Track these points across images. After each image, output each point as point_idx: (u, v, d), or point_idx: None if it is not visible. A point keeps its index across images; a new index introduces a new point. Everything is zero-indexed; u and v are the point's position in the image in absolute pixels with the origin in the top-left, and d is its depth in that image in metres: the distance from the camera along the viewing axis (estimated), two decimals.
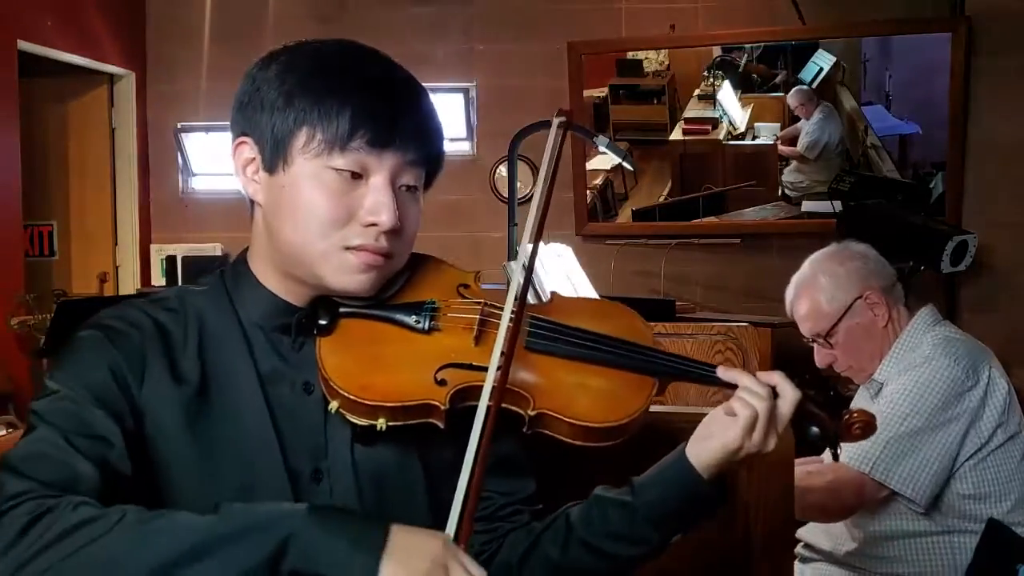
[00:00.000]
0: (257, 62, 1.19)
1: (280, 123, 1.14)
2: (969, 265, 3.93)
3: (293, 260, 1.17)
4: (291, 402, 1.18)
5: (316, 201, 1.13)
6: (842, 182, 4.62)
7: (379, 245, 1.15)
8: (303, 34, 4.66)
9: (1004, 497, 2.15)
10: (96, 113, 5.27)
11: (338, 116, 1.12)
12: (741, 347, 2.80)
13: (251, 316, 1.20)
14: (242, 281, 1.22)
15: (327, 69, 1.15)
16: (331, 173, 1.13)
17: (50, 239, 5.32)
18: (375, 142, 1.13)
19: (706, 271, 4.90)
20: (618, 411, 1.17)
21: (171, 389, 1.13)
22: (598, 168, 4.91)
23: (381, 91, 1.15)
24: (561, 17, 4.91)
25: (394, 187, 1.15)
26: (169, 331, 1.17)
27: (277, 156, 1.15)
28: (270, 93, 1.15)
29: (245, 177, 1.19)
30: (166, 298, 1.21)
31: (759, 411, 1.15)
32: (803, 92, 4.62)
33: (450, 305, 1.22)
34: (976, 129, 4.33)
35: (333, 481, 1.16)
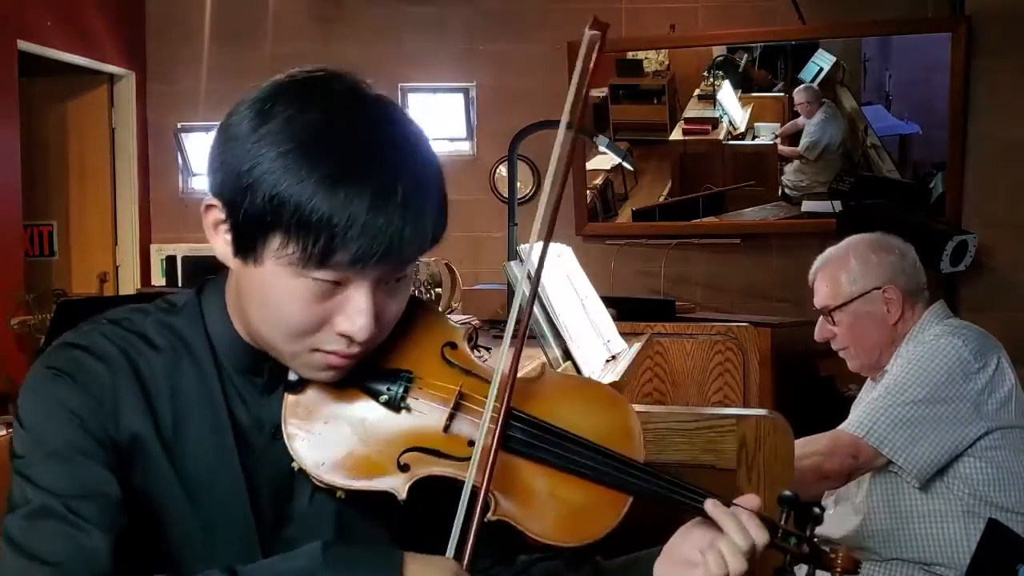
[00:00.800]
0: (246, 112, 1.02)
1: (252, 215, 0.98)
2: (969, 265, 3.93)
3: (259, 338, 1.08)
4: (260, 445, 1.11)
5: (287, 308, 1.01)
6: (842, 182, 4.62)
7: (350, 351, 1.04)
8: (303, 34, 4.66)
9: (1016, 486, 2.15)
10: (96, 113, 5.27)
11: (321, 232, 0.95)
12: (741, 347, 2.80)
13: (223, 351, 1.11)
14: (216, 311, 1.12)
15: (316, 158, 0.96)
16: (307, 282, 0.99)
17: (50, 239, 5.32)
18: (359, 262, 0.97)
19: (706, 271, 4.90)
20: (582, 531, 1.09)
21: (147, 424, 1.06)
22: (598, 168, 4.91)
23: (376, 191, 0.97)
24: (561, 17, 4.91)
25: (378, 291, 1.03)
26: (138, 362, 1.08)
27: (247, 251, 1.01)
28: (247, 174, 0.98)
29: (216, 236, 1.05)
30: (133, 319, 1.12)
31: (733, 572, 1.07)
32: (810, 91, 4.62)
33: (427, 378, 1.12)
34: (976, 129, 4.34)
35: (296, 527, 1.11)
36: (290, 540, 1.10)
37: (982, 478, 2.14)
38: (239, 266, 1.04)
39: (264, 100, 1.02)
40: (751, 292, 4.81)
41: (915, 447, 2.11)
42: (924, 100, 4.58)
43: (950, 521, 2.15)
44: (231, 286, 1.10)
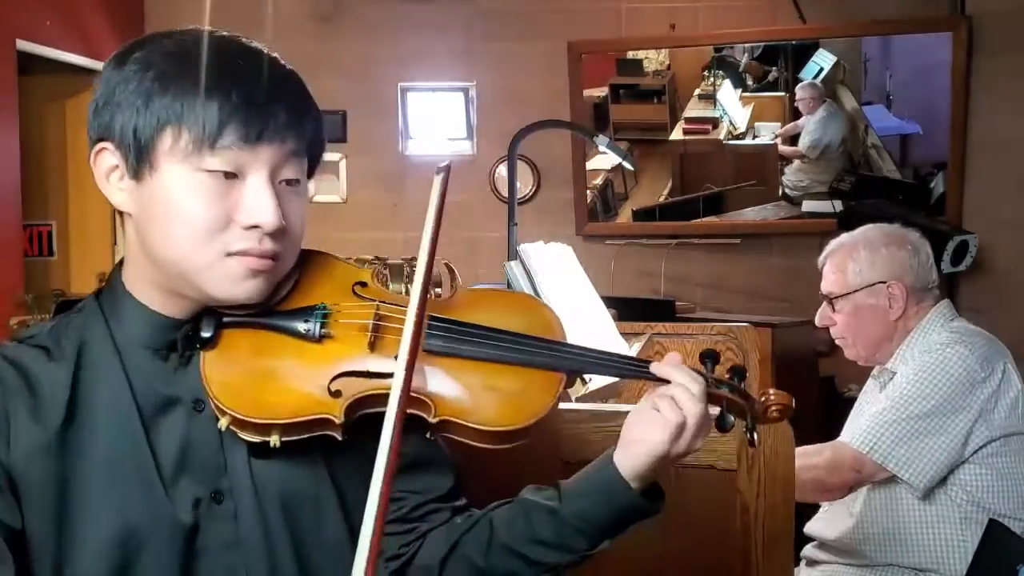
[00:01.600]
0: (109, 60, 1.09)
1: (141, 124, 1.04)
2: (969, 265, 3.93)
3: (171, 273, 1.08)
4: (182, 423, 1.10)
5: (189, 208, 1.04)
6: (843, 182, 4.62)
7: (263, 248, 1.06)
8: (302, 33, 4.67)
9: (1015, 492, 2.14)
10: None
11: (204, 111, 1.02)
12: (741, 347, 2.80)
13: (131, 337, 1.11)
14: (119, 301, 1.13)
15: (188, 62, 1.06)
16: (203, 175, 1.03)
17: (49, 239, 5.31)
18: (247, 136, 1.03)
19: (706, 271, 4.90)
20: (524, 412, 1.11)
21: (33, 434, 1.05)
22: (598, 168, 4.91)
23: (249, 81, 1.05)
24: (561, 17, 4.91)
25: (274, 183, 1.06)
26: (32, 372, 1.08)
27: (142, 161, 1.05)
28: (127, 93, 1.05)
29: (109, 186, 1.09)
30: (35, 335, 1.13)
31: (689, 415, 1.10)
32: (813, 87, 4.62)
33: (342, 308, 1.13)
34: (976, 129, 4.33)
35: (236, 501, 1.10)
36: (231, 513, 1.10)
37: (981, 484, 2.14)
38: (137, 194, 1.07)
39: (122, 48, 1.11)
40: (751, 292, 4.80)
41: (920, 460, 2.09)
42: (924, 100, 4.58)
43: (947, 527, 2.15)
44: (130, 256, 1.13)
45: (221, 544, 1.10)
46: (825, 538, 2.31)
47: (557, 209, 4.97)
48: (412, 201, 5.03)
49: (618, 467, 1.12)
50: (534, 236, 2.73)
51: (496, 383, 1.13)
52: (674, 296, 4.54)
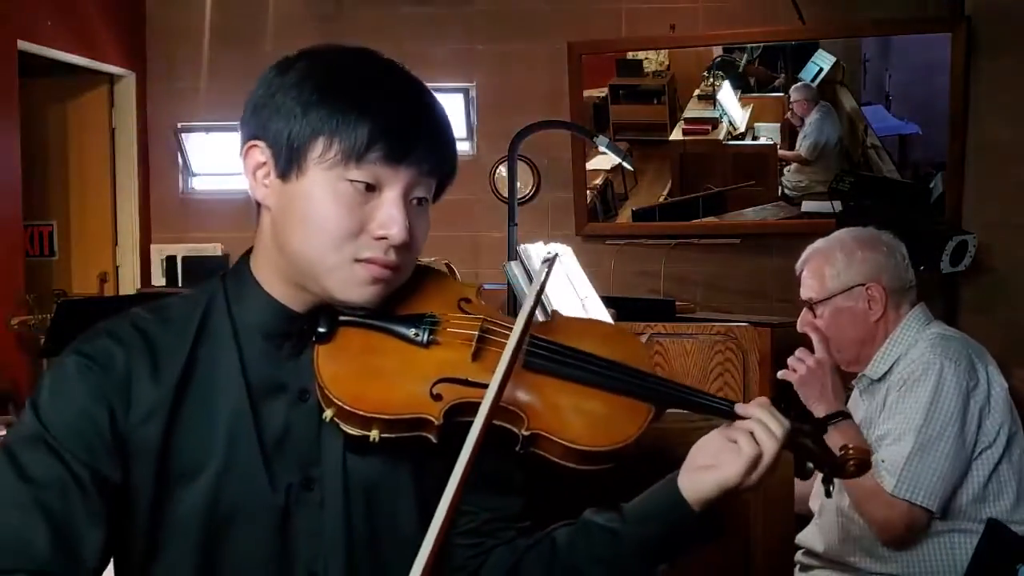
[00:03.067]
0: (274, 66, 1.17)
1: (297, 131, 1.12)
2: (969, 265, 3.93)
3: (300, 268, 1.16)
4: (285, 409, 1.17)
5: (329, 213, 1.12)
6: (842, 182, 4.63)
7: (388, 258, 1.14)
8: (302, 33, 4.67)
9: (1005, 496, 2.14)
10: (96, 113, 5.27)
11: (356, 128, 1.10)
12: (741, 347, 2.80)
13: (250, 321, 1.19)
14: (244, 285, 1.21)
15: (346, 79, 1.14)
16: (345, 184, 1.12)
17: (50, 239, 5.32)
18: (392, 156, 1.11)
19: (706, 271, 4.90)
20: (612, 436, 1.16)
21: (151, 393, 1.13)
22: (598, 168, 4.91)
23: (400, 104, 1.14)
24: (561, 17, 4.92)
25: (406, 200, 1.14)
26: (156, 341, 1.16)
27: (291, 164, 1.13)
28: (287, 100, 1.13)
29: (255, 180, 1.17)
30: (165, 307, 1.21)
31: (766, 452, 1.13)
32: (806, 89, 4.62)
33: (450, 319, 1.20)
34: (976, 129, 4.34)
35: (324, 489, 1.17)
36: (318, 501, 1.16)
37: (979, 494, 2.14)
38: (280, 192, 1.14)
39: (287, 57, 1.18)
40: (751, 292, 4.81)
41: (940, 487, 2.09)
42: (924, 100, 4.58)
43: (940, 536, 2.15)
44: (261, 246, 1.20)
45: (306, 531, 1.16)
46: (815, 549, 2.31)
47: (557, 209, 4.98)
48: None
49: (683, 492, 1.15)
50: (534, 236, 2.73)
51: (588, 406, 1.18)
52: (674, 296, 4.54)
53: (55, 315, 3.84)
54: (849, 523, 2.23)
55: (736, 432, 1.14)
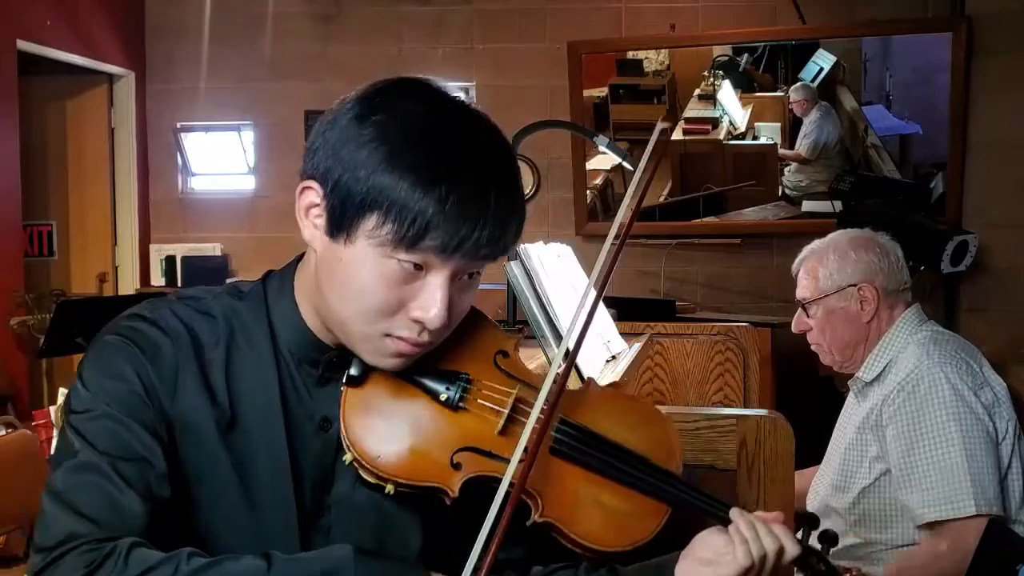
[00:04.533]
0: (354, 105, 1.09)
1: (354, 195, 1.05)
2: (969, 265, 3.93)
3: (332, 321, 1.12)
4: (306, 434, 1.15)
5: (370, 286, 1.07)
6: (842, 182, 4.62)
7: (420, 339, 1.09)
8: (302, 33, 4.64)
9: (1012, 493, 2.14)
10: (96, 113, 5.27)
11: (416, 215, 1.03)
12: (741, 347, 2.80)
13: (283, 337, 1.16)
14: (284, 299, 1.17)
15: (418, 153, 1.04)
16: (393, 263, 1.05)
17: (49, 239, 5.32)
18: (446, 247, 1.04)
19: (706, 271, 4.90)
20: (624, 537, 1.14)
21: (204, 401, 1.11)
22: (598, 168, 4.91)
23: (470, 190, 1.04)
24: (561, 17, 4.91)
25: (453, 282, 1.08)
26: (202, 340, 1.14)
27: (341, 228, 1.07)
28: (354, 158, 1.05)
29: (306, 220, 1.11)
30: (203, 299, 1.18)
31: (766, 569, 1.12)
32: (806, 89, 4.62)
33: (483, 384, 1.16)
34: (976, 129, 4.34)
35: (333, 518, 1.15)
36: (326, 528, 1.15)
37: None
38: (326, 246, 1.09)
39: (371, 95, 1.10)
40: (751, 292, 4.81)
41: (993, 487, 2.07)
42: (924, 100, 4.58)
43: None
44: (305, 273, 1.16)
45: None
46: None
47: (557, 209, 4.97)
48: None
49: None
50: (534, 236, 2.73)
51: (607, 501, 1.15)
52: (674, 296, 4.55)
53: (54, 315, 3.83)
54: (849, 528, 2.23)
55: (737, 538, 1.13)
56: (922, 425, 2.10)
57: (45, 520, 1.03)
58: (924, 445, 2.09)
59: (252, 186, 5.31)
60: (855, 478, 2.22)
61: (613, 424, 1.19)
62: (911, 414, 2.12)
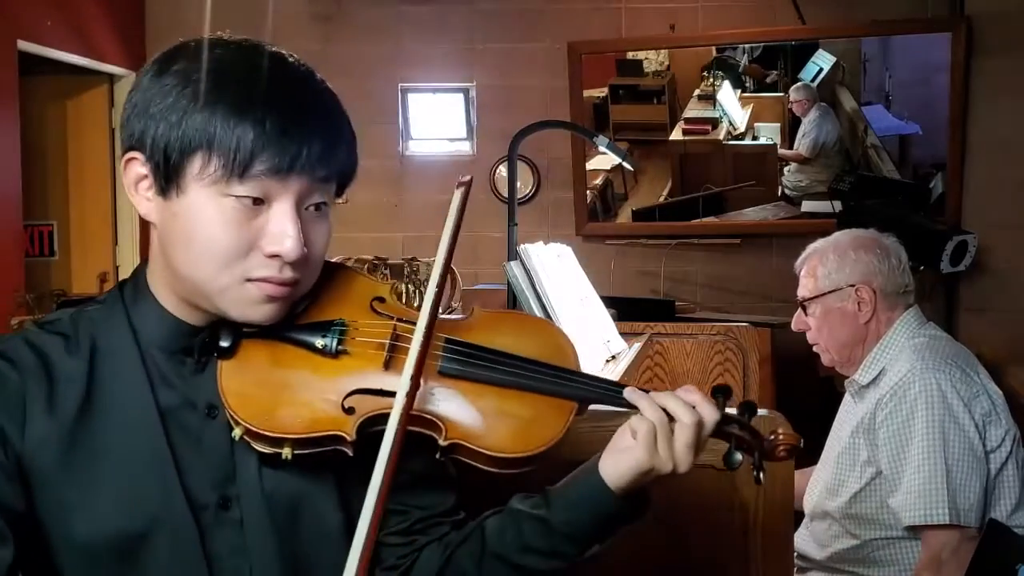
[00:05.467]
0: (151, 64, 1.07)
1: (173, 144, 1.02)
2: (969, 265, 3.93)
3: (190, 289, 1.08)
4: (195, 427, 1.11)
5: (213, 233, 1.03)
6: (842, 182, 4.63)
7: (283, 276, 1.06)
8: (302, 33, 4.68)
9: (1005, 500, 2.14)
10: (96, 113, 5.27)
11: (238, 141, 1.00)
12: (741, 347, 2.81)
13: (149, 336, 1.12)
14: (140, 299, 1.13)
15: (225, 81, 1.03)
16: (229, 200, 1.02)
17: (50, 239, 5.32)
18: (278, 167, 1.02)
19: (706, 271, 4.90)
20: (534, 440, 1.11)
21: (46, 424, 1.06)
22: (598, 168, 4.91)
23: (285, 107, 1.03)
24: (561, 17, 4.92)
25: (300, 211, 1.05)
26: (52, 360, 1.09)
27: (170, 181, 1.04)
28: (163, 108, 1.03)
29: (137, 195, 1.09)
30: (57, 320, 1.13)
31: (655, 428, 1.10)
32: (806, 89, 4.63)
33: (359, 325, 1.13)
34: (976, 129, 4.34)
35: (243, 508, 1.11)
36: (238, 520, 1.11)
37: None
38: (162, 208, 1.06)
39: (166, 53, 1.08)
40: (751, 292, 4.81)
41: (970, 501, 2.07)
42: (924, 100, 4.58)
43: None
44: (154, 261, 1.13)
45: (228, 550, 1.11)
46: (810, 555, 2.31)
47: (557, 209, 4.98)
48: (412, 201, 5.04)
49: (603, 477, 1.13)
50: (534, 236, 2.73)
51: (509, 409, 1.13)
52: (674, 296, 4.55)
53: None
54: (844, 532, 2.23)
55: (633, 418, 1.13)
56: (910, 430, 2.11)
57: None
58: (910, 450, 2.10)
59: None
60: (847, 482, 2.23)
61: (501, 337, 1.17)
62: (901, 419, 2.12)
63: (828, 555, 2.27)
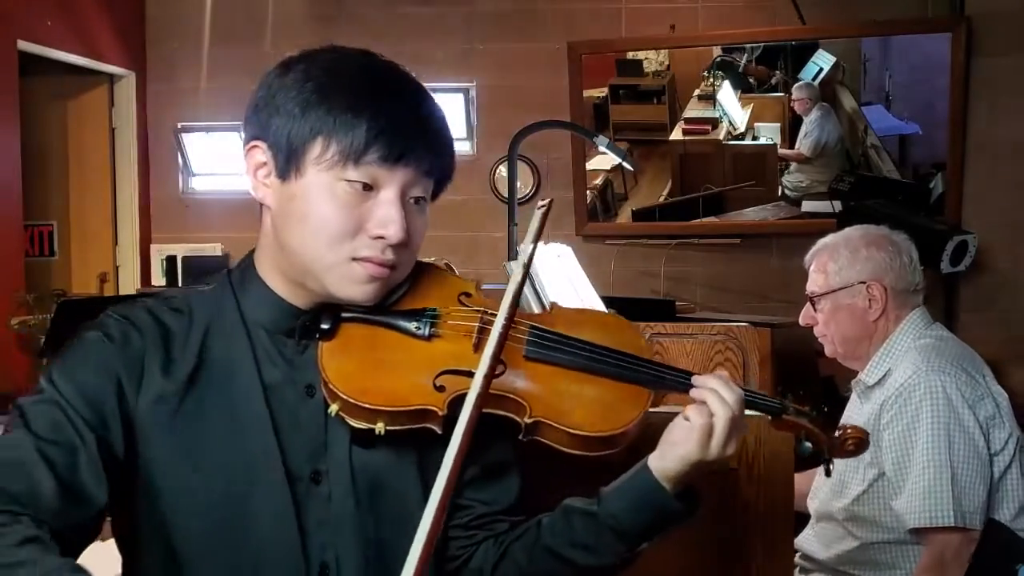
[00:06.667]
0: (275, 67, 1.20)
1: (295, 132, 1.14)
2: (969, 265, 3.93)
3: (299, 267, 1.18)
4: (293, 404, 1.19)
5: (326, 213, 1.14)
6: (842, 182, 4.63)
7: (385, 257, 1.16)
8: (303, 33, 4.66)
9: (1007, 504, 2.14)
10: (96, 113, 5.27)
11: (354, 130, 1.12)
12: (741, 347, 2.80)
13: (256, 317, 1.21)
14: (248, 282, 1.23)
15: (345, 80, 1.15)
16: (343, 185, 1.14)
17: (50, 239, 5.32)
18: (389, 156, 1.13)
19: (706, 271, 4.90)
20: (613, 421, 1.19)
21: (161, 386, 1.15)
22: (598, 168, 4.91)
23: (397, 105, 1.16)
24: (561, 17, 4.92)
25: (403, 200, 1.16)
26: (171, 331, 1.19)
27: (290, 165, 1.16)
28: (287, 101, 1.15)
29: (256, 180, 1.20)
30: (173, 298, 1.23)
31: (718, 420, 1.16)
32: (808, 87, 4.62)
33: (450, 313, 1.23)
34: (976, 129, 4.34)
35: (332, 483, 1.19)
36: (326, 494, 1.19)
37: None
38: (279, 191, 1.17)
39: (290, 58, 1.20)
40: (751, 292, 4.81)
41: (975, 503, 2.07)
42: (924, 100, 4.58)
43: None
44: (263, 245, 1.23)
45: (316, 523, 1.18)
46: (815, 555, 2.31)
47: (557, 209, 4.96)
48: None
49: (652, 471, 1.18)
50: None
51: (590, 392, 1.21)
52: (674, 296, 4.55)
53: (55, 315, 3.83)
54: (847, 534, 2.23)
55: (690, 407, 1.18)
56: (915, 432, 2.10)
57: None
58: (915, 452, 2.09)
59: None
60: (850, 484, 2.22)
61: (579, 328, 1.26)
62: (906, 421, 2.12)
63: (831, 556, 2.27)
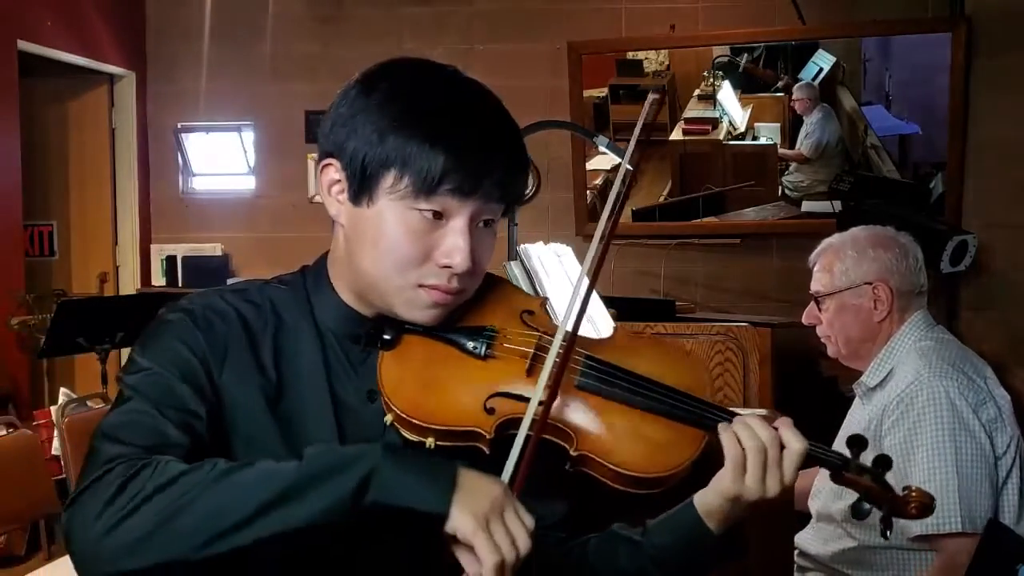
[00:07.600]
0: (358, 82, 1.19)
1: (371, 158, 1.14)
2: (969, 265, 3.93)
3: (367, 285, 1.20)
4: (355, 406, 1.21)
5: (397, 240, 1.15)
6: (842, 182, 4.63)
7: (451, 286, 1.17)
8: (302, 33, 4.65)
9: (1010, 508, 2.13)
10: (96, 113, 5.28)
11: (429, 163, 1.12)
12: (741, 347, 2.80)
13: (326, 320, 1.23)
14: (321, 286, 1.25)
15: (425, 106, 1.15)
16: (414, 214, 1.14)
17: (50, 239, 5.33)
18: (462, 190, 1.14)
19: (706, 271, 4.90)
20: (662, 464, 1.16)
21: (252, 376, 1.18)
22: (598, 168, 4.92)
23: (475, 139, 1.15)
24: (561, 17, 4.92)
25: (472, 227, 1.17)
26: (250, 323, 1.21)
27: (363, 191, 1.16)
28: (366, 124, 1.15)
29: (329, 197, 1.20)
30: (247, 290, 1.25)
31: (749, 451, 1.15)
32: (809, 87, 4.63)
33: (508, 333, 1.23)
34: (976, 129, 4.34)
35: None
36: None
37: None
38: (352, 213, 1.18)
39: (373, 71, 1.20)
40: (751, 292, 4.81)
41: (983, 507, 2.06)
42: (924, 100, 4.58)
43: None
44: (335, 255, 1.24)
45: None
46: (812, 552, 2.31)
47: (557, 209, 4.98)
48: None
49: (696, 506, 1.19)
50: (534, 236, 2.73)
51: (641, 430, 1.18)
52: (674, 296, 4.55)
53: (55, 315, 3.84)
54: (846, 534, 2.23)
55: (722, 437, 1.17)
56: (918, 438, 2.09)
57: (92, 456, 1.08)
58: (918, 458, 2.08)
59: (252, 186, 5.32)
60: None
61: (639, 360, 1.23)
62: (907, 427, 2.11)
63: (829, 555, 2.27)
